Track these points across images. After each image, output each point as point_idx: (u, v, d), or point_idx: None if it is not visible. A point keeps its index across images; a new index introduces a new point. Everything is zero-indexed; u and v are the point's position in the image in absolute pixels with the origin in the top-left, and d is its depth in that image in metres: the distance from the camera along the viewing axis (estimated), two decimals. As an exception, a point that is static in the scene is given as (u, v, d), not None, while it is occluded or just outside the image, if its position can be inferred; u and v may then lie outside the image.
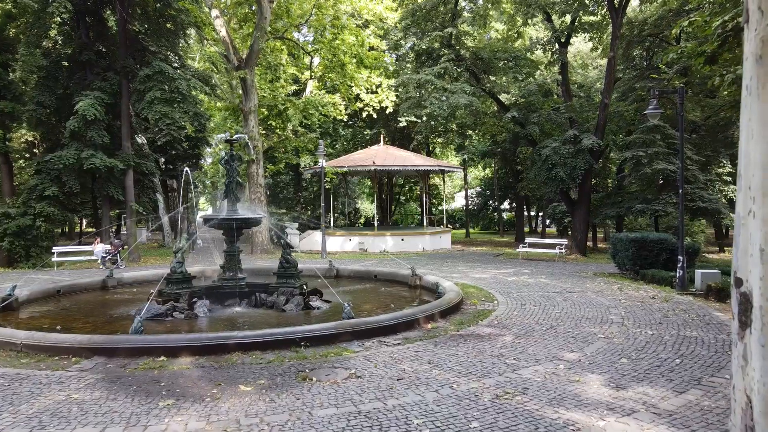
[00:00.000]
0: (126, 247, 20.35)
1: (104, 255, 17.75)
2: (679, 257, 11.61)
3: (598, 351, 6.98)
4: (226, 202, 11.24)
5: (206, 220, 10.86)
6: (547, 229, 42.46)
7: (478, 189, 59.61)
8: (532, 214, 59.08)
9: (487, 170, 56.76)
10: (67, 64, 21.78)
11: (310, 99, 23.96)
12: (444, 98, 20.78)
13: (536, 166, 20.71)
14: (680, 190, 11.63)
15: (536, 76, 22.54)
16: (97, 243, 18.51)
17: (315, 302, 10.57)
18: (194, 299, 10.18)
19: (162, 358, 6.87)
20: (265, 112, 25.43)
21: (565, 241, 18.81)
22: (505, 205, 55.40)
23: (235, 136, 11.28)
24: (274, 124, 27.31)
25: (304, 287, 10.91)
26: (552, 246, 19.42)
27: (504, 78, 21.87)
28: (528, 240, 20.03)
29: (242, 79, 23.32)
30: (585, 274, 14.95)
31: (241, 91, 24.43)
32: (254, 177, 24.00)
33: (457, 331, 8.24)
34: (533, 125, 20.40)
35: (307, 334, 7.46)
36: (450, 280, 13.14)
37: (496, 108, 29.47)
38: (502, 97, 23.49)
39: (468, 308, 10.07)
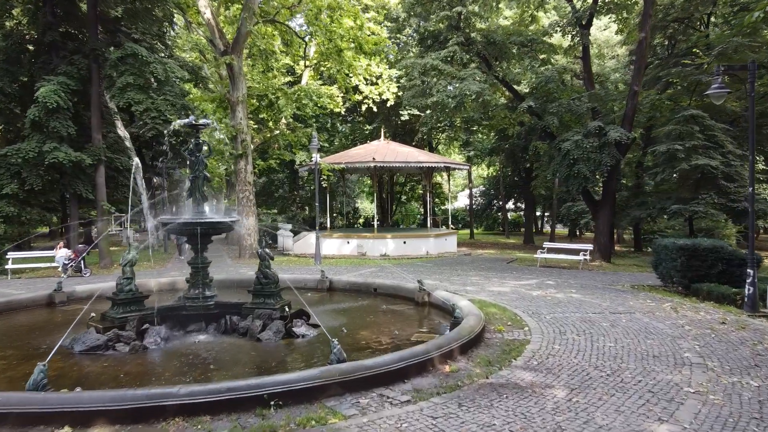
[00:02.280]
0: (93, 251, 18.18)
1: (66, 261, 15.58)
2: (749, 270, 9.45)
3: (700, 419, 4.81)
4: (190, 201, 9.08)
5: (164, 223, 8.69)
6: (554, 229, 40.27)
7: (482, 188, 57.57)
8: (537, 213, 56.90)
9: (491, 169, 54.68)
10: (32, 48, 19.61)
11: (303, 88, 21.79)
12: (452, 87, 18.63)
13: (555, 162, 18.54)
14: (750, 189, 9.47)
15: (554, 63, 20.33)
16: (60, 247, 16.35)
17: (299, 328, 8.41)
18: (145, 325, 8.02)
19: (66, 429, 4.73)
20: (255, 103, 23.24)
21: (589, 247, 16.65)
22: (510, 204, 53.31)
23: (201, 121, 9.11)
24: (265, 116, 25.15)
25: (286, 309, 8.73)
26: (574, 252, 17.26)
27: (519, 65, 19.67)
28: (547, 245, 17.88)
29: (229, 65, 21.13)
30: (621, 287, 12.78)
31: (228, 80, 22.23)
32: (242, 174, 21.83)
33: (486, 378, 6.07)
34: (552, 116, 18.20)
35: (279, 389, 5.28)
36: (465, 296, 11.00)
37: (505, 100, 27.32)
38: (515, 87, 21.32)
39: (493, 338, 7.91)
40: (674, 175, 19.58)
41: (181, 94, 28.73)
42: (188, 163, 9.20)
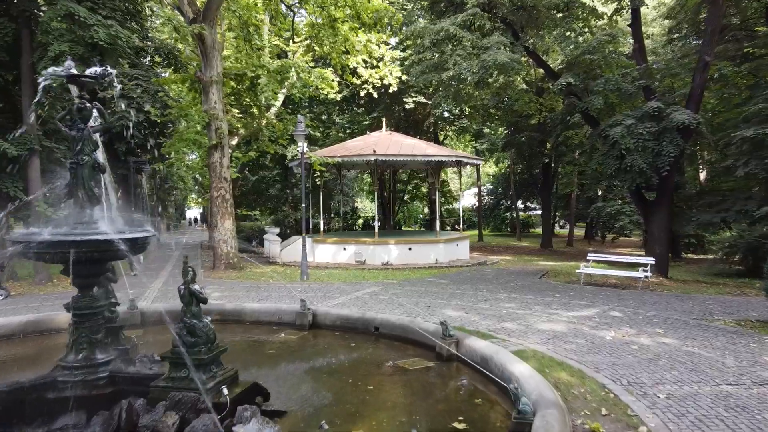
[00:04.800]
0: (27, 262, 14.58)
1: (-26, 280, 12.01)
2: None
3: None
4: (72, 204, 5.48)
5: (15, 242, 5.06)
6: (572, 232, 36.59)
7: (489, 186, 54.19)
8: (540, 212, 53.18)
9: (500, 165, 51.25)
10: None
11: (288, 62, 18.13)
12: (467, 64, 15.00)
13: (599, 153, 14.96)
14: None
15: (593, 33, 16.71)
16: (-26, 261, 12.74)
17: (247, 426, 4.78)
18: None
19: None
20: (233, 85, 19.59)
21: (650, 260, 13.02)
22: (518, 204, 49.84)
23: (89, 71, 5.49)
24: (248, 101, 21.51)
25: (224, 391, 5.07)
26: (628, 265, 13.65)
27: (552, 35, 16.03)
28: (592, 256, 14.25)
29: (199, 37, 17.52)
30: (723, 323, 9.16)
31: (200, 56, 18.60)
32: (217, 168, 18.23)
33: None
34: (596, 96, 14.59)
35: None
36: (507, 341, 7.49)
37: (525, 86, 23.71)
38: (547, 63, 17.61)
39: (596, 457, 4.29)
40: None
41: (154, 75, 25.04)
42: (69, 140, 5.56)
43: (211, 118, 18.01)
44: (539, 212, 54.12)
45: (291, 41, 21.84)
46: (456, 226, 32.90)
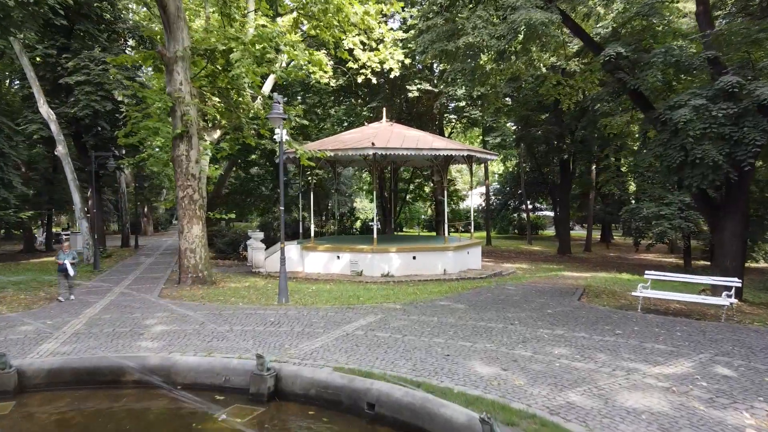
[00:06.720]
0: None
1: None
2: None
3: None
4: None
5: None
6: (590, 236, 33.44)
7: (497, 185, 51.19)
8: (548, 213, 50.05)
9: (507, 164, 48.19)
10: None
11: (266, 31, 14.97)
12: (485, 34, 11.90)
13: (656, 143, 11.85)
14: None
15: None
16: None
17: None
18: None
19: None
20: (204, 63, 16.45)
21: (735, 282, 9.87)
22: (528, 204, 46.69)
23: None
24: (224, 84, 18.34)
25: None
26: (698, 288, 10.54)
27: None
28: (651, 274, 11.07)
29: (160, 4, 14.43)
30: None
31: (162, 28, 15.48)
32: (183, 163, 15.11)
33: None
34: (654, 69, 11.50)
35: None
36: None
37: (546, 69, 20.53)
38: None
39: None
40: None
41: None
42: None
43: (175, 102, 14.91)
44: (548, 213, 51.05)
45: (275, 12, 18.71)
46: (462, 229, 29.79)
